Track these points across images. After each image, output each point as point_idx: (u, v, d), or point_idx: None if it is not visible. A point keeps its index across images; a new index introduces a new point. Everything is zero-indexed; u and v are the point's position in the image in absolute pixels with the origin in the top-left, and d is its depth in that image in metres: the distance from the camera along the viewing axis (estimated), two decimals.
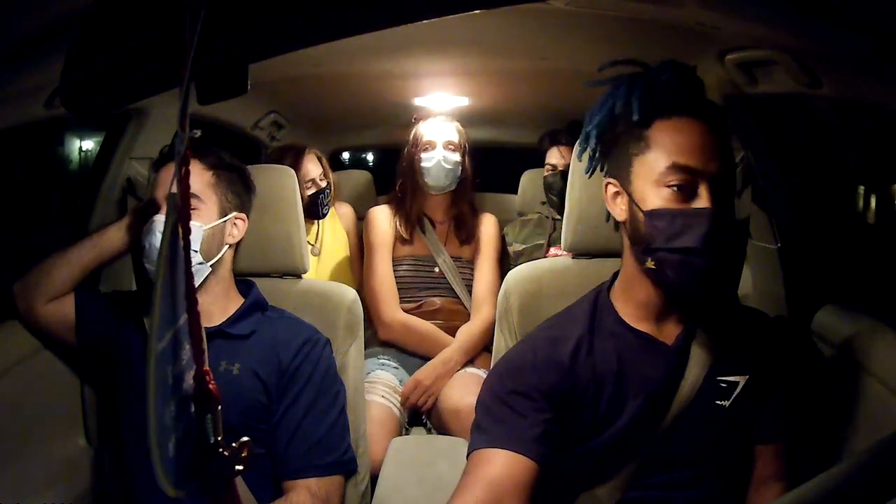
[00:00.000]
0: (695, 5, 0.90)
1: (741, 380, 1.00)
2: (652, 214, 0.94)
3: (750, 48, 1.10)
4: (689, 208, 0.92)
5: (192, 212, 1.20)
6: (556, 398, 0.98)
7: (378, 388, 1.84)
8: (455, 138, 2.10)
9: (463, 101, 2.17)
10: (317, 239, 2.24)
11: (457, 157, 2.08)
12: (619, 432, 0.98)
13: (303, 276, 1.48)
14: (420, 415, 1.91)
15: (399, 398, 1.87)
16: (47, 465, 1.34)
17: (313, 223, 2.24)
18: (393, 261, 2.13)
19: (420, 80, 1.90)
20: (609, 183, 1.03)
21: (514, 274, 1.36)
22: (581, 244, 1.32)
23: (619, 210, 1.01)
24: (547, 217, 2.25)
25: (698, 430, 0.98)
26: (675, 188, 0.93)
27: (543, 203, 2.32)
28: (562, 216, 1.34)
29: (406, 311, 2.08)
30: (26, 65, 0.97)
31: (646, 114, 0.96)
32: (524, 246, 2.22)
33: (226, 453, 0.48)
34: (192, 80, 0.45)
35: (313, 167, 2.21)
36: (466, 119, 2.30)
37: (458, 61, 1.68)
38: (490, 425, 0.98)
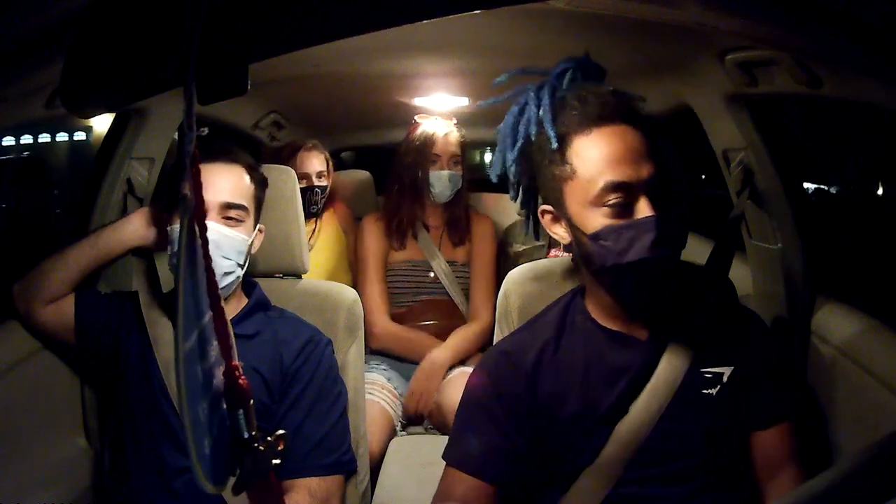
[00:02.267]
0: (695, 5, 0.90)
1: (726, 370, 0.99)
2: (596, 236, 0.92)
3: (750, 48, 1.10)
4: (634, 221, 0.90)
5: (239, 223, 1.22)
6: (519, 409, 1.01)
7: (368, 386, 1.85)
8: (458, 151, 2.13)
9: (463, 101, 2.17)
10: (311, 236, 2.20)
11: (460, 170, 2.11)
12: (592, 424, 0.98)
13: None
14: (420, 414, 1.92)
15: (389, 395, 1.88)
16: (47, 465, 1.34)
17: (308, 221, 2.19)
18: (388, 266, 2.13)
19: (420, 80, 1.90)
20: (544, 211, 1.03)
21: (514, 274, 1.35)
22: None
23: (562, 234, 1.01)
24: None
25: (685, 421, 0.97)
26: (613, 206, 0.91)
27: None
28: None
29: (402, 315, 2.08)
30: (26, 65, 0.96)
31: (561, 136, 0.94)
32: (525, 247, 2.22)
33: (261, 448, 0.47)
34: (194, 80, 0.45)
35: (310, 163, 2.18)
36: (467, 119, 2.30)
37: (459, 62, 1.67)
38: (458, 436, 1.03)
